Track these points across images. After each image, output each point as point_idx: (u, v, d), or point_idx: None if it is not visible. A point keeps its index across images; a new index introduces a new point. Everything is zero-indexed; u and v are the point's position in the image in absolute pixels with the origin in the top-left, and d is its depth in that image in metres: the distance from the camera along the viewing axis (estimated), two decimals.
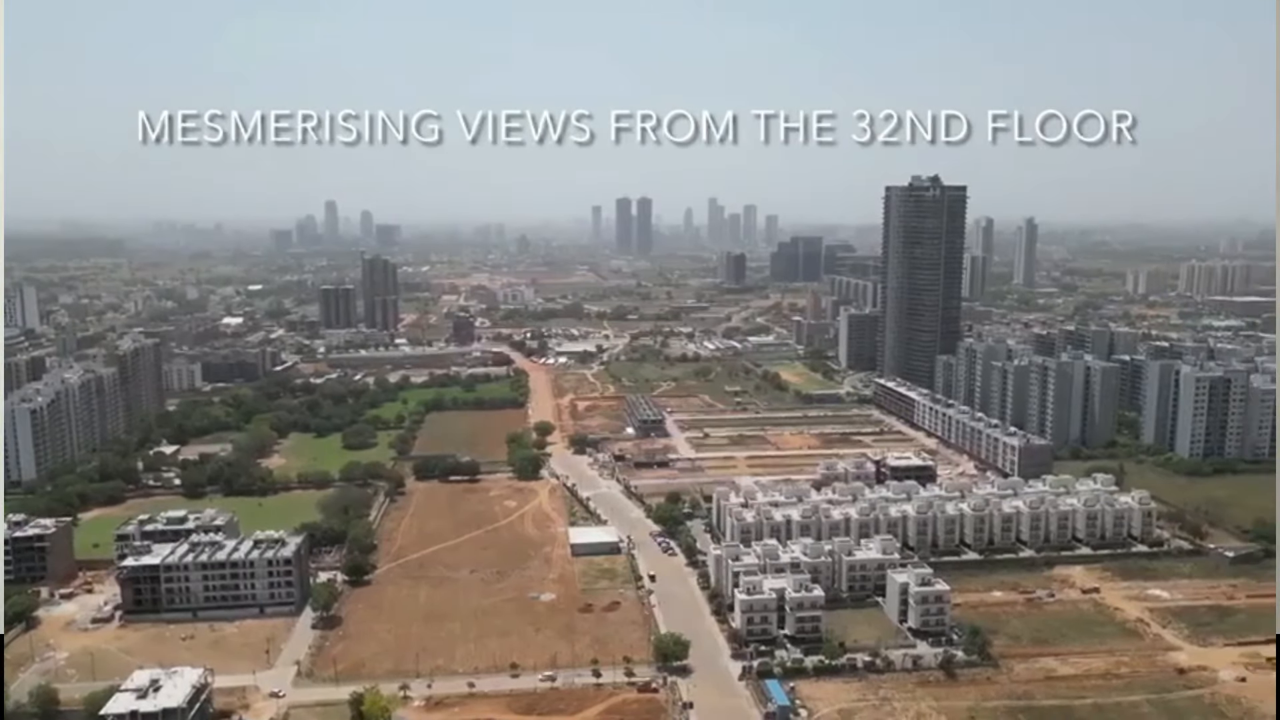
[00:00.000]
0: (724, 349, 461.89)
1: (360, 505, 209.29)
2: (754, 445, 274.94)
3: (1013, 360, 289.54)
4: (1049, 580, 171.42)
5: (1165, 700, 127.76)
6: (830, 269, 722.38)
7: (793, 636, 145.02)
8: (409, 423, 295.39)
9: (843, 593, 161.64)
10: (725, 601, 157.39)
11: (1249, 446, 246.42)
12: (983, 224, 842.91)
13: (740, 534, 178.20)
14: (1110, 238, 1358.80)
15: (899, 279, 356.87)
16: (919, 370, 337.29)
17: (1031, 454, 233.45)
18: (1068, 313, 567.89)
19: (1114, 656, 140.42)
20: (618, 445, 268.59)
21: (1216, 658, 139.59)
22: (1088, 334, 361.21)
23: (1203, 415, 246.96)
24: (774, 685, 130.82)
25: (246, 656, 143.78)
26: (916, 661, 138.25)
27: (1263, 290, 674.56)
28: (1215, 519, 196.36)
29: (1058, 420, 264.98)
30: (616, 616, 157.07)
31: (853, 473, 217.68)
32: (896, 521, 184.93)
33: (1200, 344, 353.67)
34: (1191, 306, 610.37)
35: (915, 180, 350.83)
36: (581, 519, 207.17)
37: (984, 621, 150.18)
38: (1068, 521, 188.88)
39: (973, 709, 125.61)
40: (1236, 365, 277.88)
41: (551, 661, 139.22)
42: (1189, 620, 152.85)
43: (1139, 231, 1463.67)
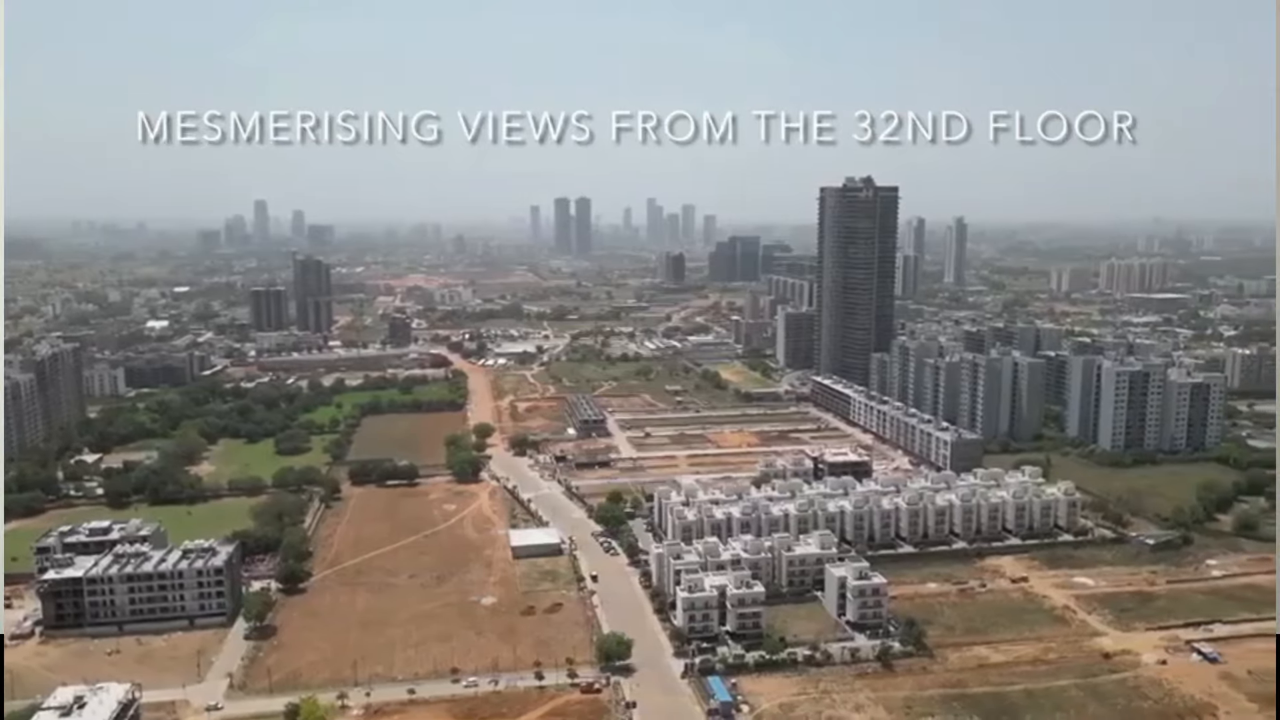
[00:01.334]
0: (664, 348, 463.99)
1: (294, 512, 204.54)
2: (695, 444, 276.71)
3: (944, 357, 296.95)
4: (981, 571, 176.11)
5: (1091, 684, 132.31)
6: (768, 268, 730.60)
7: (734, 633, 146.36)
8: (344, 427, 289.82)
9: (783, 588, 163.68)
10: (667, 600, 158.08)
11: (1166, 438, 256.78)
12: (914, 224, 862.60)
13: (682, 532, 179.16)
14: (1035, 237, 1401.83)
15: (834, 278, 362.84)
16: (854, 368, 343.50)
17: (963, 448, 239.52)
18: (996, 310, 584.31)
19: (1043, 643, 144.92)
20: (559, 446, 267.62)
21: (1139, 642, 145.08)
22: (1015, 331, 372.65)
23: (1123, 409, 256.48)
24: (716, 682, 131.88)
25: (176, 670, 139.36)
26: (855, 654, 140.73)
27: (1177, 287, 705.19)
28: (1136, 508, 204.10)
29: (987, 415, 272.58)
30: (559, 618, 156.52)
31: (791, 469, 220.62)
32: (834, 517, 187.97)
33: (1120, 340, 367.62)
34: (1111, 303, 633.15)
35: (849, 181, 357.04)
36: (523, 521, 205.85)
37: (919, 613, 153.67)
38: (998, 513, 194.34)
39: (909, 699, 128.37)
40: (1154, 360, 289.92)
41: (493, 665, 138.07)
42: (1113, 606, 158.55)
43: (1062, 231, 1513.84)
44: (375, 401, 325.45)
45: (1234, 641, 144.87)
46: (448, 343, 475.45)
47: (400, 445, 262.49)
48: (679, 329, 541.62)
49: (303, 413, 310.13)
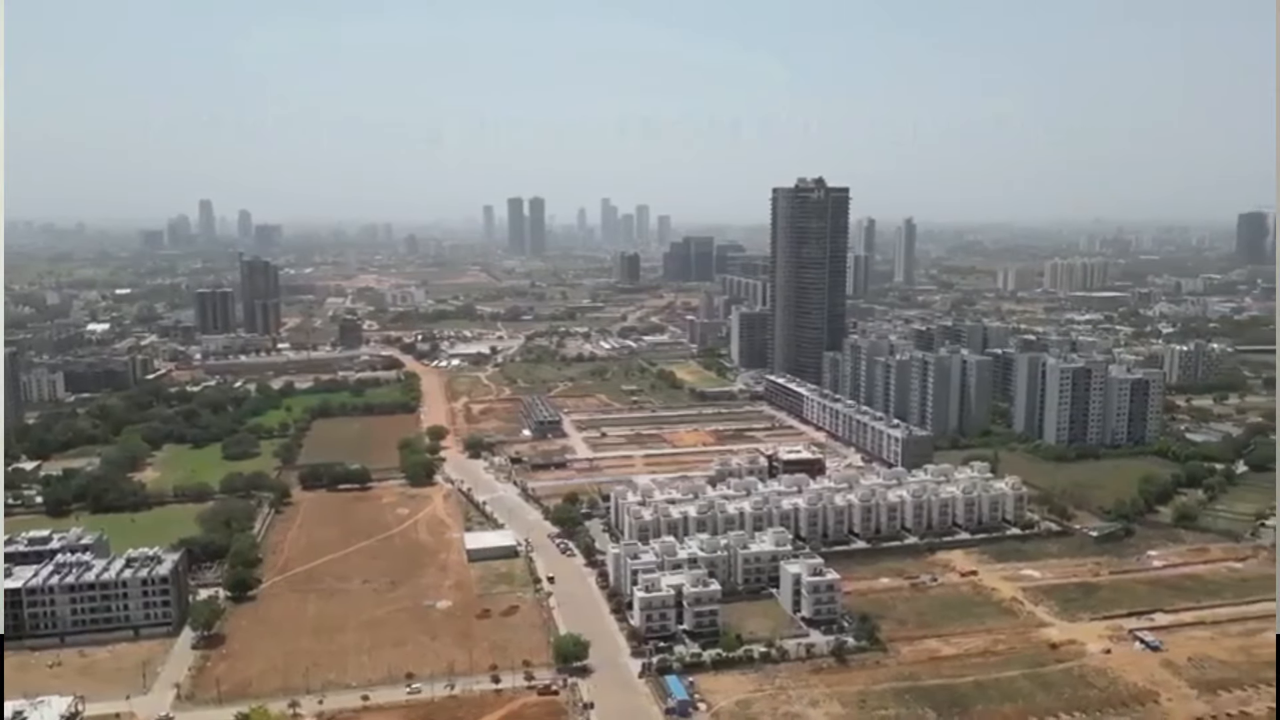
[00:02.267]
0: (620, 348, 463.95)
1: (243, 518, 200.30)
2: (651, 443, 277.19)
3: (895, 355, 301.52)
4: (932, 565, 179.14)
5: (1039, 674, 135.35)
6: (722, 268, 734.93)
7: (691, 631, 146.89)
8: (294, 430, 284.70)
9: (739, 586, 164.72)
10: (624, 600, 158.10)
11: (1108, 433, 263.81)
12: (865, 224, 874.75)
13: (638, 532, 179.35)
14: (982, 237, 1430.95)
15: (787, 278, 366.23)
16: (808, 366, 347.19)
17: (913, 445, 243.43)
18: (945, 309, 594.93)
19: (992, 635, 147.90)
20: (514, 447, 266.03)
21: (1084, 632, 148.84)
22: (963, 329, 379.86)
23: (1067, 404, 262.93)
24: (673, 680, 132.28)
25: (120, 682, 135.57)
26: (810, 650, 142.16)
27: (1117, 286, 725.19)
28: (1080, 501, 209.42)
29: (937, 412, 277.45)
30: (515, 620, 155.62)
31: (746, 468, 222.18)
32: (789, 514, 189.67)
33: (1064, 337, 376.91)
34: (1055, 302, 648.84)
35: (800, 182, 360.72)
36: (478, 523, 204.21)
37: (873, 608, 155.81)
38: (948, 508, 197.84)
39: (863, 693, 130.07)
40: (1096, 357, 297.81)
41: (449, 669, 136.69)
42: (1059, 597, 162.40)
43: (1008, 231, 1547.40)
44: (326, 404, 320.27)
45: (1175, 630, 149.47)
46: (400, 344, 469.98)
47: (352, 449, 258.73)
48: (634, 329, 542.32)
49: (251, 416, 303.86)
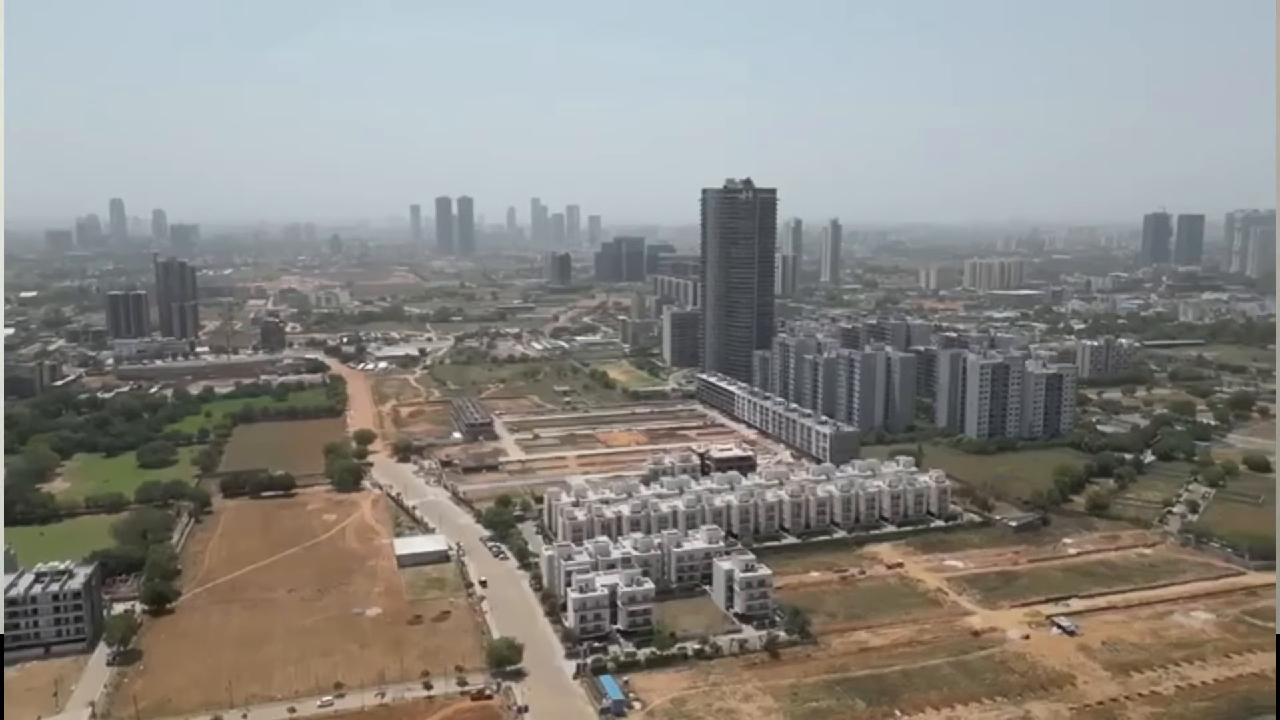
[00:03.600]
0: (552, 349, 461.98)
1: (160, 528, 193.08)
2: (584, 444, 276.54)
3: (822, 353, 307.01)
4: (860, 558, 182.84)
5: (963, 661, 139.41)
6: (653, 268, 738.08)
7: (625, 631, 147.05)
8: (214, 437, 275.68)
9: (672, 584, 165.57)
10: (558, 601, 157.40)
11: (1025, 426, 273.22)
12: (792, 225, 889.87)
13: (572, 533, 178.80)
14: (904, 238, 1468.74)
15: (717, 278, 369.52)
16: (738, 365, 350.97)
17: (841, 441, 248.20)
18: (870, 308, 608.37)
19: (918, 625, 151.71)
20: (444, 450, 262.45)
21: (1005, 619, 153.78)
22: (888, 327, 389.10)
23: (986, 399, 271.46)
24: (608, 680, 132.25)
25: (30, 703, 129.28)
26: (743, 645, 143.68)
27: (1033, 284, 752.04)
28: (1000, 493, 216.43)
29: (863, 408, 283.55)
30: (447, 626, 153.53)
31: (679, 466, 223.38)
32: (721, 511, 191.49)
33: (983, 334, 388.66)
34: (975, 299, 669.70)
35: (729, 183, 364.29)
36: (408, 529, 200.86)
37: (803, 601, 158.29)
38: (875, 502, 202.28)
39: (795, 686, 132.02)
40: (1014, 352, 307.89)
41: (379, 677, 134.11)
42: (981, 586, 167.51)
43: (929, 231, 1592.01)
44: (248, 410, 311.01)
45: (1089, 614, 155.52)
46: (325, 347, 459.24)
47: (276, 455, 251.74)
48: (566, 329, 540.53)
49: (168, 423, 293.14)
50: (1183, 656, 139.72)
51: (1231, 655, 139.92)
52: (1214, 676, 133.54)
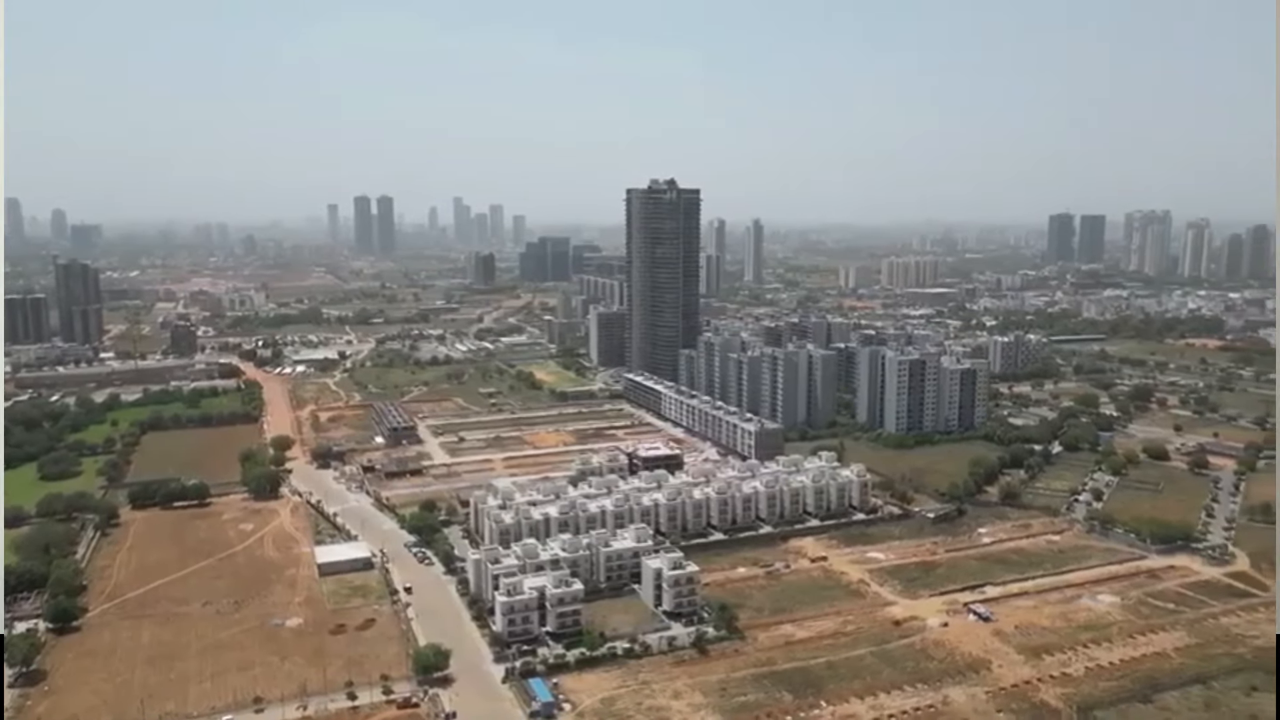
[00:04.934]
0: (476, 350, 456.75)
1: (64, 542, 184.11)
2: (511, 446, 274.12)
3: (746, 352, 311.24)
4: (785, 553, 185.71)
5: (885, 650, 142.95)
6: (578, 268, 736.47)
7: (554, 632, 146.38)
8: (121, 446, 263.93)
9: (601, 584, 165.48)
10: (486, 605, 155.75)
11: (941, 420, 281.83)
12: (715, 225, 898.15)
13: (499, 536, 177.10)
14: (825, 237, 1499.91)
15: (643, 277, 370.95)
16: (664, 364, 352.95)
17: (766, 437, 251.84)
18: (792, 306, 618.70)
19: (841, 617, 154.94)
20: (366, 456, 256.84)
21: (924, 608, 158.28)
22: (809, 326, 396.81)
23: (904, 394, 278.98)
24: (537, 683, 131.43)
25: None
26: (672, 643, 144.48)
27: (947, 282, 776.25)
28: (918, 485, 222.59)
29: (787, 405, 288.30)
30: (371, 634, 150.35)
31: (607, 466, 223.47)
32: (649, 510, 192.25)
33: (900, 331, 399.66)
34: (892, 298, 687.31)
35: (653, 183, 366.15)
36: (329, 536, 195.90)
37: (731, 597, 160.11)
38: (799, 497, 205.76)
39: (723, 681, 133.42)
40: (930, 349, 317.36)
41: (301, 689, 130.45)
42: (901, 577, 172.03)
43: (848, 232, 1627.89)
44: (157, 417, 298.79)
45: (1003, 601, 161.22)
46: (239, 351, 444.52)
47: (188, 463, 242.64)
48: (491, 330, 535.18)
49: (70, 433, 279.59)
50: (1090, 638, 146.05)
51: (1136, 636, 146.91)
52: (1120, 657, 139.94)
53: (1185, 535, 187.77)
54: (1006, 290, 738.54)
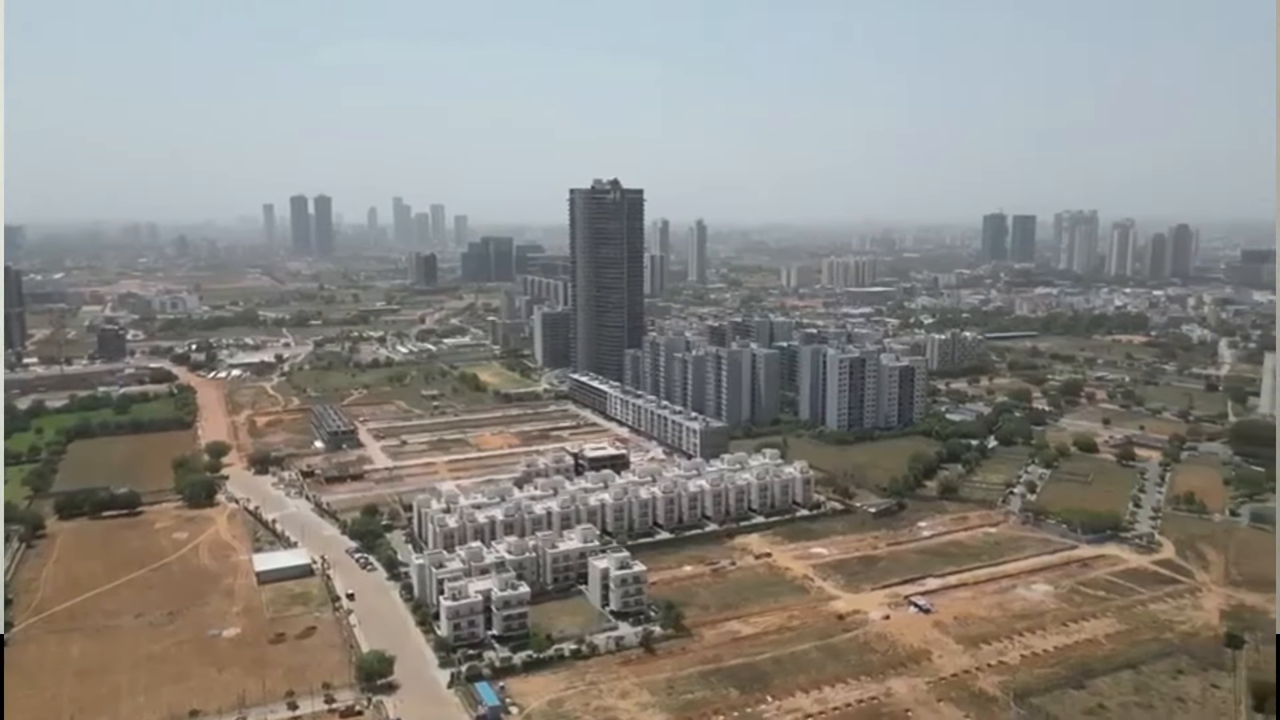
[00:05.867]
0: (418, 352, 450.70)
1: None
2: (454, 449, 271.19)
3: (691, 351, 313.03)
4: (731, 550, 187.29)
5: (829, 644, 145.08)
6: (522, 269, 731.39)
7: (501, 636, 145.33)
8: (46, 455, 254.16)
9: (548, 586, 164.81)
10: (431, 610, 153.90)
11: (881, 416, 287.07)
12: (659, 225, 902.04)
13: (443, 540, 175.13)
14: (766, 238, 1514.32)
15: (587, 278, 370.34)
16: (609, 364, 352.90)
17: (711, 436, 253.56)
18: (735, 306, 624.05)
19: (786, 612, 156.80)
20: (305, 461, 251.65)
21: (866, 601, 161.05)
22: (752, 325, 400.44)
23: (845, 392, 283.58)
24: (483, 687, 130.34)
25: None
26: (619, 642, 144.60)
27: (885, 281, 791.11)
28: (860, 481, 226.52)
29: (731, 403, 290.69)
30: (313, 642, 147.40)
31: (553, 467, 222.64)
32: (595, 510, 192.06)
33: (841, 330, 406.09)
34: (833, 297, 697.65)
35: (597, 183, 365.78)
36: (268, 544, 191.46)
37: (678, 595, 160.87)
38: (744, 495, 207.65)
39: (671, 679, 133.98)
40: (869, 347, 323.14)
41: (239, 701, 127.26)
42: (844, 571, 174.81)
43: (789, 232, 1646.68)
44: (84, 424, 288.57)
45: (942, 592, 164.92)
46: (171, 355, 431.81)
47: (118, 471, 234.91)
48: (433, 331, 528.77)
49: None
50: (1026, 627, 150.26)
51: (1069, 624, 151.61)
52: (1054, 644, 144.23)
53: (1114, 525, 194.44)
54: (943, 289, 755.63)
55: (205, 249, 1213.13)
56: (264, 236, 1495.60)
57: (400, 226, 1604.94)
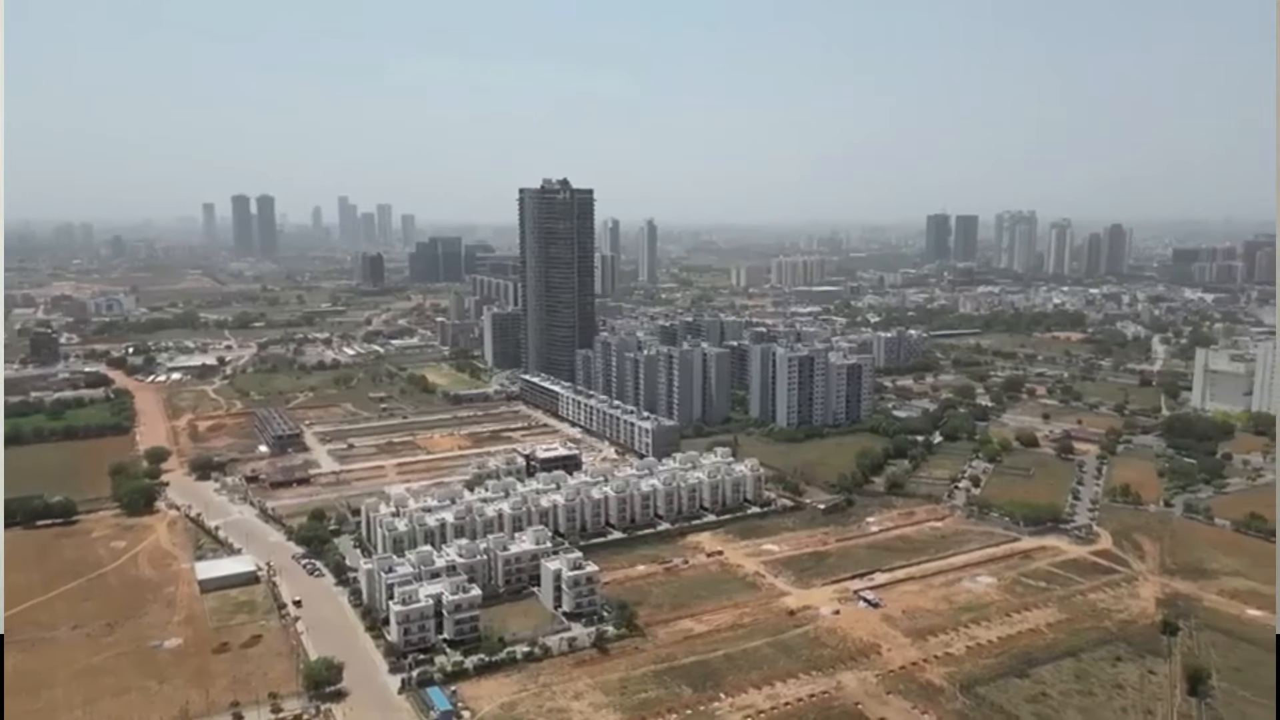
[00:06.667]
0: (366, 354, 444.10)
1: None
2: (403, 451, 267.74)
3: (642, 350, 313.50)
4: (683, 548, 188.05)
5: (780, 640, 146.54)
6: (471, 269, 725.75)
7: (452, 640, 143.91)
8: None
9: (500, 588, 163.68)
10: (380, 615, 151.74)
11: (830, 414, 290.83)
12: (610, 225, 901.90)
13: (393, 544, 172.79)
14: (716, 237, 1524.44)
15: (537, 277, 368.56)
16: (561, 364, 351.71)
17: (662, 435, 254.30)
18: (686, 305, 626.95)
19: (739, 609, 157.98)
20: (250, 465, 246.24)
21: (817, 597, 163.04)
22: (703, 324, 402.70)
23: (795, 390, 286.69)
24: (435, 692, 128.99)
25: None
26: (572, 643, 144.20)
27: (832, 280, 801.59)
28: (809, 478, 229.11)
29: (683, 402, 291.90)
30: (258, 651, 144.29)
31: (504, 469, 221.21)
32: (547, 511, 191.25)
33: (790, 329, 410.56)
34: (782, 296, 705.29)
35: (546, 183, 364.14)
36: (210, 551, 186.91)
37: (630, 595, 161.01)
38: (696, 493, 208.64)
39: (624, 679, 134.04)
40: (818, 345, 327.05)
41: (182, 713, 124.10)
42: (794, 568, 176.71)
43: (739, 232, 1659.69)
44: (16, 431, 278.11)
45: (890, 586, 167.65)
46: (107, 359, 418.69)
47: (52, 479, 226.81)
48: (381, 332, 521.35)
49: None
50: (971, 619, 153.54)
51: (1012, 614, 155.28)
52: (998, 635, 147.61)
53: (1054, 517, 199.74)
54: (889, 288, 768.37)
55: (143, 250, 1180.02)
56: (204, 237, 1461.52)
57: (346, 226, 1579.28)
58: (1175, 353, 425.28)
